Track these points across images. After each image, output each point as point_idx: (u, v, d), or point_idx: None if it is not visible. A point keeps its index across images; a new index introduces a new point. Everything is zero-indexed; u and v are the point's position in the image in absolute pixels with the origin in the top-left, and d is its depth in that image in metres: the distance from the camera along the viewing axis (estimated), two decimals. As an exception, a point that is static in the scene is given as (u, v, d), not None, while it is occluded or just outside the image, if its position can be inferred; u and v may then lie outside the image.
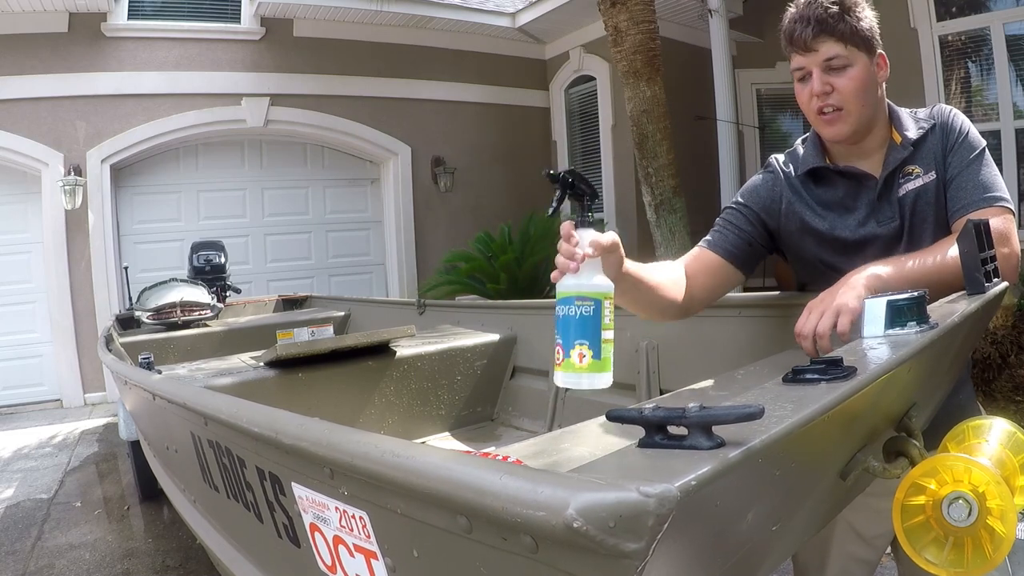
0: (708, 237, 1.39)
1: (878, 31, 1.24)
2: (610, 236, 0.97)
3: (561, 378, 0.91)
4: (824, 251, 1.33)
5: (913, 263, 1.15)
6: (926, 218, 1.25)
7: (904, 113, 1.32)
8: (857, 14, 1.21)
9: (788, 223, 1.37)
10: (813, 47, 1.21)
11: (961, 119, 1.29)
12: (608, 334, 0.90)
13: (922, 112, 1.32)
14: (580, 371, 0.89)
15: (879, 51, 1.25)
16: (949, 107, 1.31)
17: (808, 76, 1.25)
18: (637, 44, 4.46)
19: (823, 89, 1.22)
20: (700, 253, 1.37)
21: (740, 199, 1.42)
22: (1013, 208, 1.23)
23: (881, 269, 1.13)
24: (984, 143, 1.27)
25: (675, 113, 4.76)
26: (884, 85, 1.28)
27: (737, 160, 6.24)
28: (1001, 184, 1.23)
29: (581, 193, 0.96)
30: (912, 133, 1.28)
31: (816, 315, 1.09)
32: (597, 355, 0.89)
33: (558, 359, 0.90)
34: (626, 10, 4.46)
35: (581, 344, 0.88)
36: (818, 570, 1.43)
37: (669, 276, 1.25)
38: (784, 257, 1.45)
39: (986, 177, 1.23)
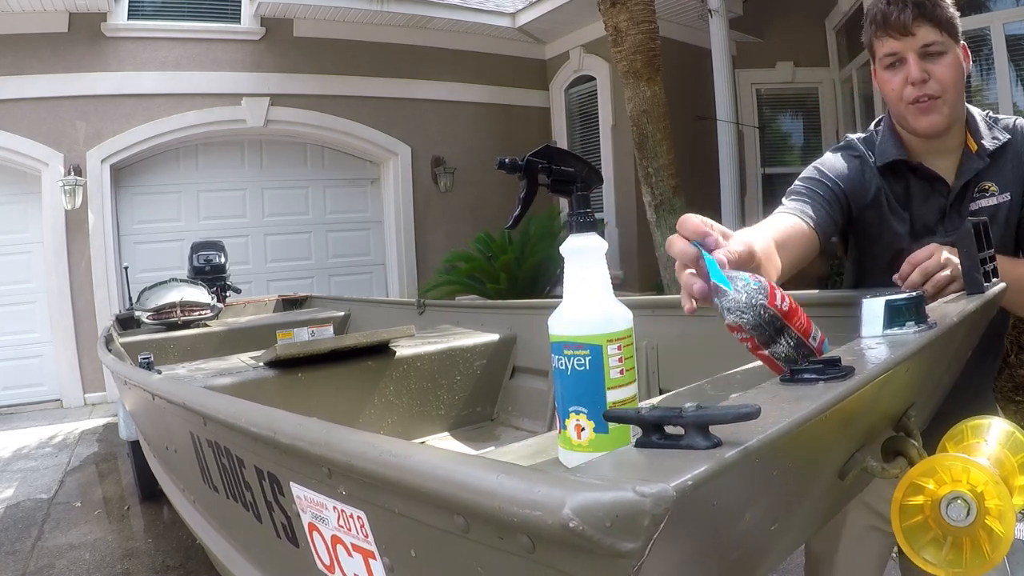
0: (794, 205, 1.22)
1: (960, 22, 1.21)
2: (740, 244, 0.76)
3: (561, 456, 0.71)
4: (885, 250, 1.28)
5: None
6: (994, 239, 1.23)
7: (979, 115, 1.26)
8: (947, 1, 1.17)
9: (871, 213, 1.29)
10: (912, 31, 1.16)
11: None
12: (620, 393, 0.66)
13: (1002, 119, 1.27)
14: (580, 449, 0.66)
15: (962, 41, 1.21)
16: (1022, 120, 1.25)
17: (899, 63, 1.19)
18: (637, 44, 4.46)
19: (921, 76, 1.17)
20: (792, 221, 1.17)
21: (826, 173, 1.29)
22: None
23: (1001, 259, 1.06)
24: None
25: (675, 113, 4.76)
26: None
27: (737, 160, 6.24)
28: None
29: (567, 180, 0.71)
30: (988, 143, 1.22)
31: (935, 260, 1.03)
32: (601, 427, 0.65)
33: (557, 428, 0.70)
34: (626, 10, 4.46)
35: (577, 412, 0.66)
36: (831, 543, 1.40)
37: (775, 250, 1.06)
38: (844, 247, 1.39)
39: None
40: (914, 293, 0.83)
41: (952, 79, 1.17)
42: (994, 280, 1.04)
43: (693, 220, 0.74)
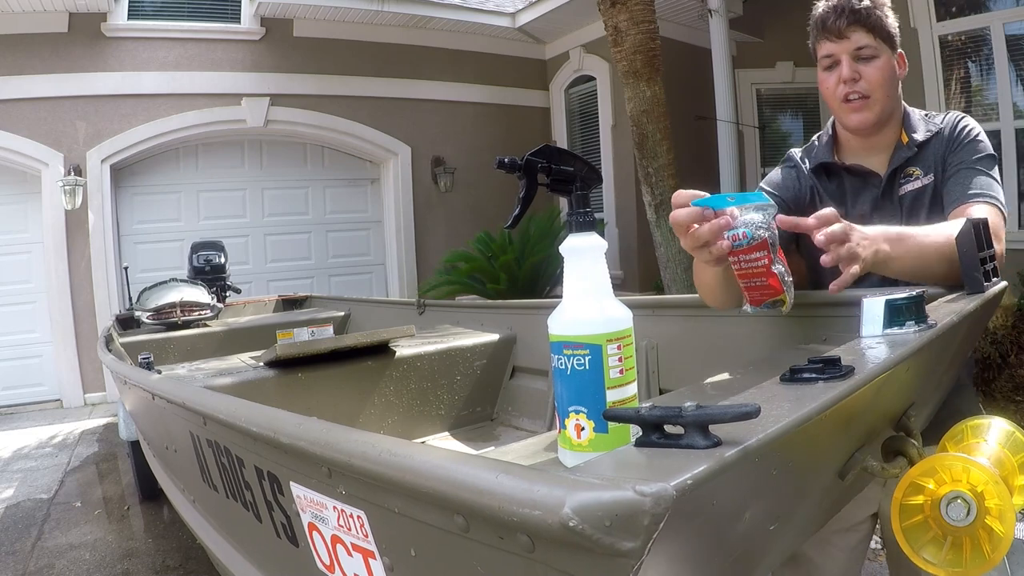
0: None
1: (899, 33, 1.32)
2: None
3: (561, 456, 0.71)
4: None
5: (917, 243, 1.13)
6: (921, 220, 1.28)
7: (917, 116, 1.36)
8: (885, 11, 1.29)
9: (809, 214, 1.38)
10: (846, 35, 1.27)
11: (972, 125, 1.32)
12: (620, 392, 0.67)
13: (938, 117, 1.36)
14: (580, 449, 0.66)
15: (899, 50, 1.32)
16: (966, 116, 1.34)
17: (836, 64, 1.30)
18: (637, 44, 4.46)
19: (852, 75, 1.27)
20: None
21: (768, 188, 1.43)
22: (1005, 214, 1.25)
23: (889, 248, 1.07)
24: (993, 153, 1.30)
25: (675, 113, 4.76)
26: (901, 84, 1.33)
27: (737, 160, 6.24)
28: (999, 190, 1.26)
29: (567, 179, 0.71)
30: (919, 135, 1.32)
31: (844, 245, 0.99)
32: (601, 427, 0.65)
33: (556, 428, 0.71)
34: (626, 10, 4.46)
35: (576, 412, 0.66)
36: (806, 565, 1.42)
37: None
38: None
39: (986, 179, 1.26)
40: (914, 292, 0.84)
41: (881, 80, 1.27)
42: (994, 279, 1.04)
43: (685, 192, 0.91)
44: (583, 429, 0.66)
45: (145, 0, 6.46)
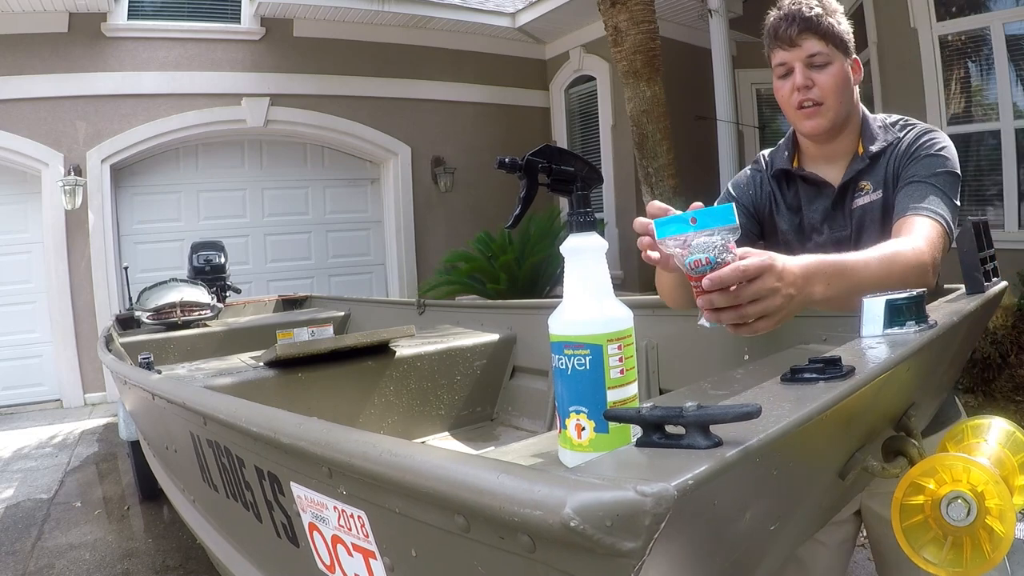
0: None
1: (852, 39, 1.30)
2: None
3: (561, 456, 0.71)
4: (778, 247, 1.36)
5: (856, 281, 0.98)
6: (872, 236, 1.26)
7: (877, 124, 1.33)
8: (837, 18, 1.27)
9: (768, 217, 1.43)
10: (797, 43, 1.26)
11: (935, 140, 1.27)
12: (620, 392, 0.67)
13: (899, 123, 1.32)
14: (580, 449, 0.66)
15: (854, 55, 1.31)
16: (934, 130, 1.30)
17: (790, 72, 1.29)
18: (637, 44, 4.47)
19: (805, 83, 1.27)
20: None
21: (732, 191, 1.46)
22: (948, 231, 1.16)
23: (823, 289, 0.93)
24: (956, 172, 1.24)
25: (675, 113, 4.76)
26: (858, 89, 1.32)
27: (737, 160, 6.24)
28: (948, 209, 1.18)
29: (567, 179, 0.71)
30: (875, 146, 1.30)
31: (756, 301, 0.83)
32: (602, 427, 0.65)
33: (557, 428, 0.70)
34: (626, 10, 4.47)
35: (577, 412, 0.66)
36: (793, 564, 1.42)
37: None
38: None
39: (937, 195, 1.19)
40: (914, 292, 0.83)
41: (834, 86, 1.26)
42: (994, 280, 1.04)
43: (658, 205, 0.90)
44: (584, 429, 0.66)
45: (145, 0, 6.46)
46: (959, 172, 1.25)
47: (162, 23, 6.49)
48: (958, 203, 1.23)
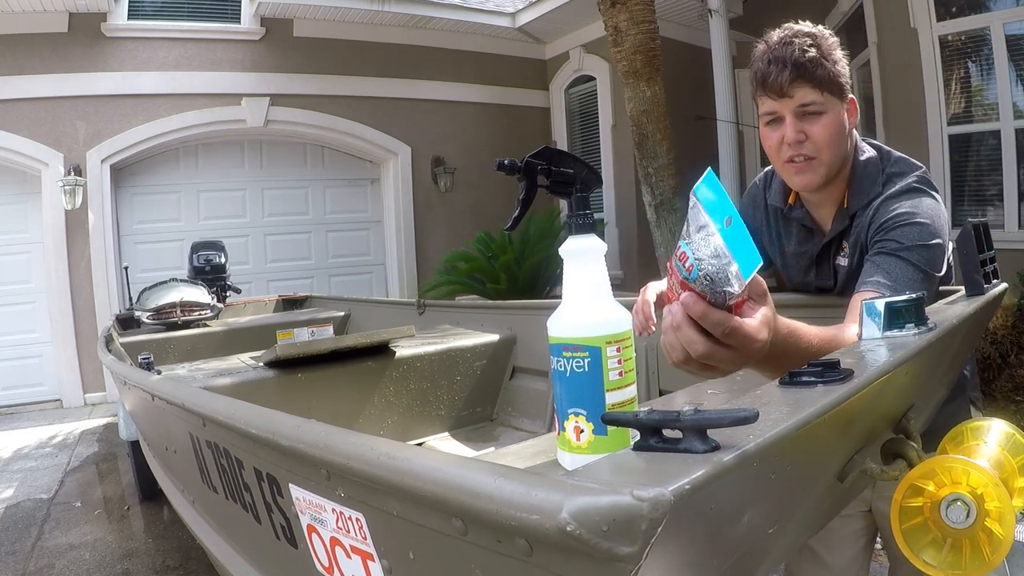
0: None
1: (848, 79, 1.18)
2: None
3: (559, 458, 0.70)
4: (771, 281, 1.39)
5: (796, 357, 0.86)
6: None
7: (869, 169, 1.21)
8: (834, 58, 1.14)
9: (765, 247, 1.42)
10: (789, 92, 1.14)
11: (910, 210, 1.12)
12: (620, 395, 0.66)
13: (885, 171, 1.21)
14: (579, 451, 0.66)
15: (850, 96, 1.19)
16: (917, 194, 1.15)
17: (778, 121, 1.18)
18: (637, 44, 4.46)
19: (797, 137, 1.16)
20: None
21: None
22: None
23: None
24: (931, 243, 1.09)
25: (675, 113, 4.76)
26: (855, 131, 1.24)
27: (737, 160, 6.24)
28: (921, 284, 1.06)
29: (567, 181, 0.70)
30: (858, 199, 1.21)
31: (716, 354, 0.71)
32: (600, 429, 0.65)
33: (556, 429, 0.69)
34: (626, 10, 4.46)
35: (576, 414, 0.66)
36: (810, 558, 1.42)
37: None
38: None
39: (903, 269, 1.06)
40: (914, 295, 0.83)
41: (828, 138, 1.15)
42: (994, 281, 1.04)
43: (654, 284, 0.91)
44: (582, 431, 0.66)
45: (145, 0, 6.46)
46: (942, 239, 1.10)
47: (162, 23, 6.49)
48: (939, 272, 1.09)
